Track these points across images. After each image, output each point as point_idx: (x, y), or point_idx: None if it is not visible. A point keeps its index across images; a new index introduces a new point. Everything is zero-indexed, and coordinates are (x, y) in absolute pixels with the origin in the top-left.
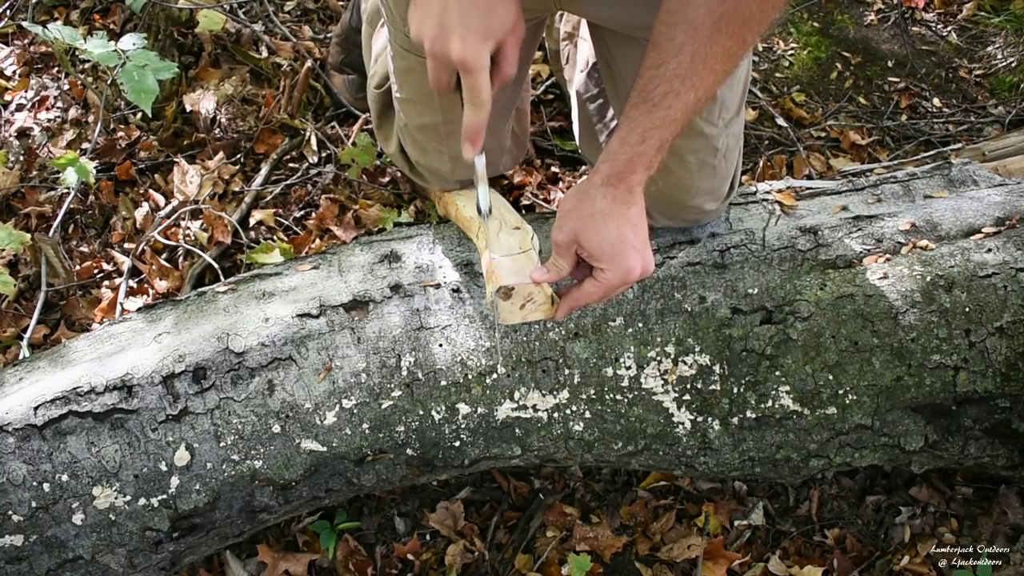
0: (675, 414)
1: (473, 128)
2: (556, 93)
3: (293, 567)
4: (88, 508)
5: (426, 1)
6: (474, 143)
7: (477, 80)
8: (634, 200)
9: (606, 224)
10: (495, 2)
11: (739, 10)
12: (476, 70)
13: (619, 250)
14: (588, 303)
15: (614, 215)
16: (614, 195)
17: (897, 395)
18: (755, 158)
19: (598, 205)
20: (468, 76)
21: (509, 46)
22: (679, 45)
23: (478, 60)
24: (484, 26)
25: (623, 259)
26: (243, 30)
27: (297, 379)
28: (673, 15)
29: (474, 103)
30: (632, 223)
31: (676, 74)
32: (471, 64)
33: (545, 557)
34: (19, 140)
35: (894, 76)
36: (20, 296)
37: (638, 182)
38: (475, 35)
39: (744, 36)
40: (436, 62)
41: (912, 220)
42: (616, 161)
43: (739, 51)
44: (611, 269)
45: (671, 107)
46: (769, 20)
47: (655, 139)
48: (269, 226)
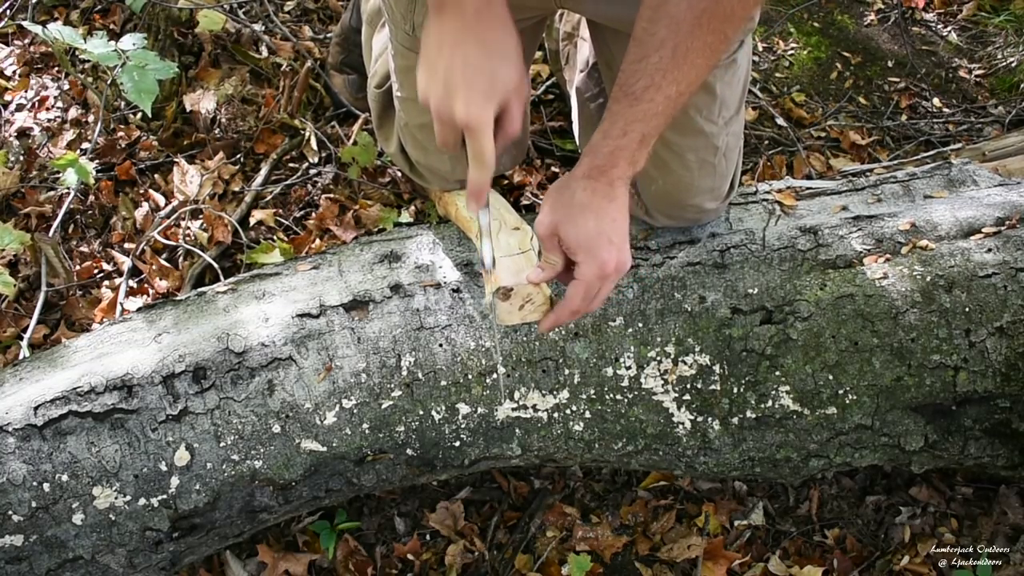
0: (675, 414)
1: (478, 186)
2: (556, 93)
3: (293, 567)
4: (88, 508)
5: (432, 63)
6: (479, 200)
7: (482, 141)
8: (615, 195)
9: (584, 216)
10: (499, 64)
11: (720, 5)
12: (480, 131)
13: (595, 243)
14: (573, 310)
15: (593, 208)
16: (595, 188)
17: (897, 395)
18: (755, 158)
19: (578, 197)
20: (472, 137)
21: (514, 106)
22: (660, 40)
23: (482, 121)
24: (488, 88)
25: (598, 251)
26: (243, 30)
27: (297, 379)
28: (655, 10)
29: (478, 162)
30: (611, 217)
31: (658, 68)
32: (475, 126)
33: (545, 557)
34: (19, 140)
35: (894, 76)
36: (20, 296)
37: (619, 176)
38: (479, 97)
39: (725, 31)
40: (442, 123)
41: (912, 220)
42: (598, 154)
43: (720, 46)
44: (586, 262)
45: (653, 100)
46: (749, 15)
47: (636, 132)
48: (269, 226)
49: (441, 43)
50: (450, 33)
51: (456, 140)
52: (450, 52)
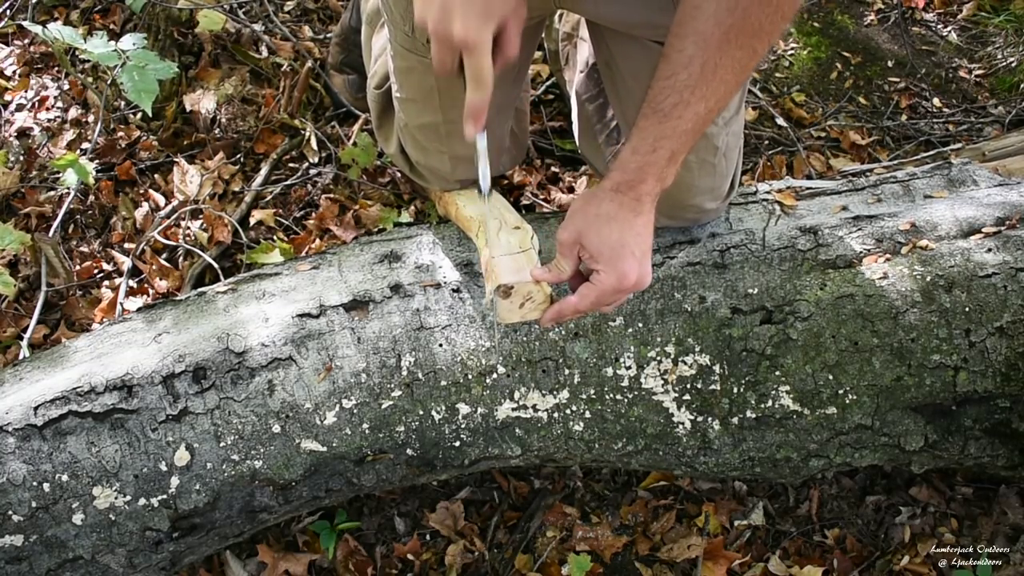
0: (675, 414)
1: (476, 107)
2: (556, 93)
3: (293, 567)
4: (88, 508)
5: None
6: (476, 121)
7: (480, 60)
8: (642, 210)
9: (609, 227)
10: None
11: (748, 21)
12: (478, 50)
13: (618, 254)
14: (579, 310)
15: (619, 220)
16: (621, 201)
17: (897, 395)
18: (755, 158)
19: (604, 208)
20: (470, 56)
21: (511, 27)
22: (689, 56)
23: (480, 40)
24: (486, 7)
25: (620, 263)
26: (243, 30)
27: (297, 379)
28: (683, 27)
29: (477, 83)
30: (635, 231)
31: (686, 85)
32: (473, 44)
33: (545, 557)
34: (19, 140)
35: (894, 76)
36: (20, 296)
37: (647, 192)
38: (477, 16)
39: (754, 46)
40: (439, 44)
41: (912, 220)
42: (626, 170)
43: (750, 62)
44: (606, 271)
45: (681, 117)
46: (779, 30)
47: (666, 149)
48: (269, 226)
49: None
50: None
51: (453, 61)
52: None
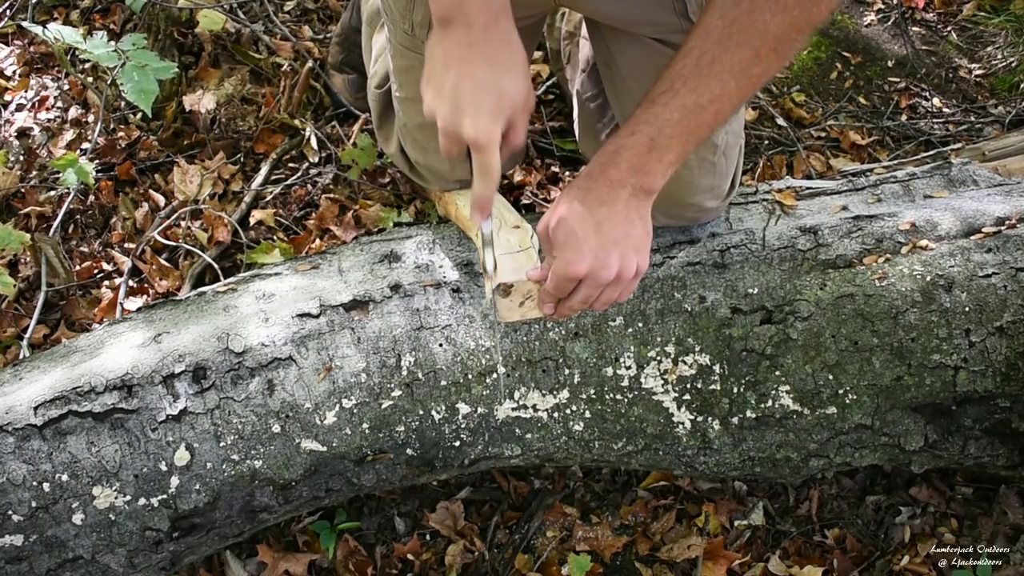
0: (675, 414)
1: (482, 199)
2: (556, 93)
3: (293, 567)
4: (88, 508)
5: (438, 80)
6: (483, 211)
7: (489, 157)
8: (612, 199)
9: (570, 214)
10: (506, 82)
11: (752, 18)
12: (488, 149)
13: (568, 241)
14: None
15: (581, 209)
16: (590, 187)
17: (897, 395)
18: (755, 158)
19: (571, 194)
20: (479, 153)
21: (519, 120)
22: (689, 47)
23: (490, 140)
24: (496, 106)
25: (567, 251)
26: (243, 30)
27: (297, 379)
28: (696, 24)
29: (484, 177)
30: (595, 220)
31: (679, 74)
32: (483, 144)
33: (545, 557)
34: (19, 140)
35: (894, 76)
36: (20, 296)
37: (619, 180)
38: (487, 115)
39: (759, 49)
40: (448, 139)
41: (912, 220)
42: (602, 153)
43: (753, 67)
44: (558, 258)
45: (667, 105)
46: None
47: (644, 135)
48: (269, 226)
49: (447, 60)
50: (456, 49)
51: (460, 152)
52: (457, 69)
